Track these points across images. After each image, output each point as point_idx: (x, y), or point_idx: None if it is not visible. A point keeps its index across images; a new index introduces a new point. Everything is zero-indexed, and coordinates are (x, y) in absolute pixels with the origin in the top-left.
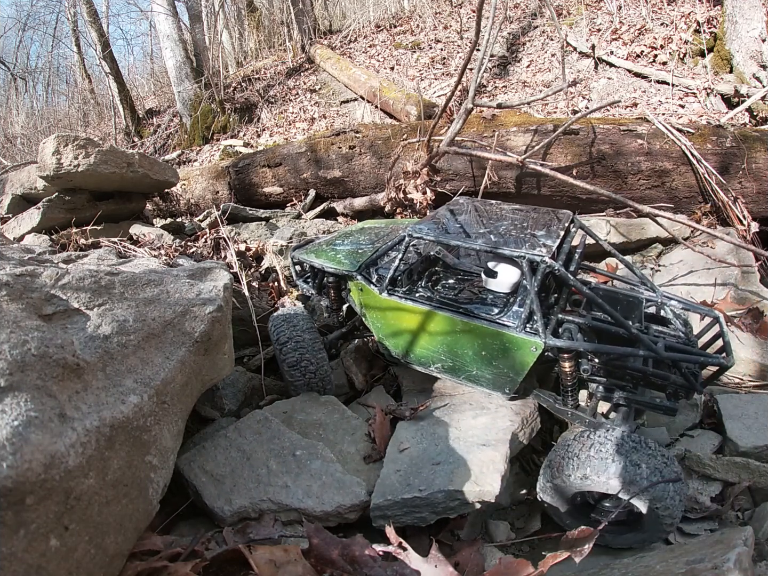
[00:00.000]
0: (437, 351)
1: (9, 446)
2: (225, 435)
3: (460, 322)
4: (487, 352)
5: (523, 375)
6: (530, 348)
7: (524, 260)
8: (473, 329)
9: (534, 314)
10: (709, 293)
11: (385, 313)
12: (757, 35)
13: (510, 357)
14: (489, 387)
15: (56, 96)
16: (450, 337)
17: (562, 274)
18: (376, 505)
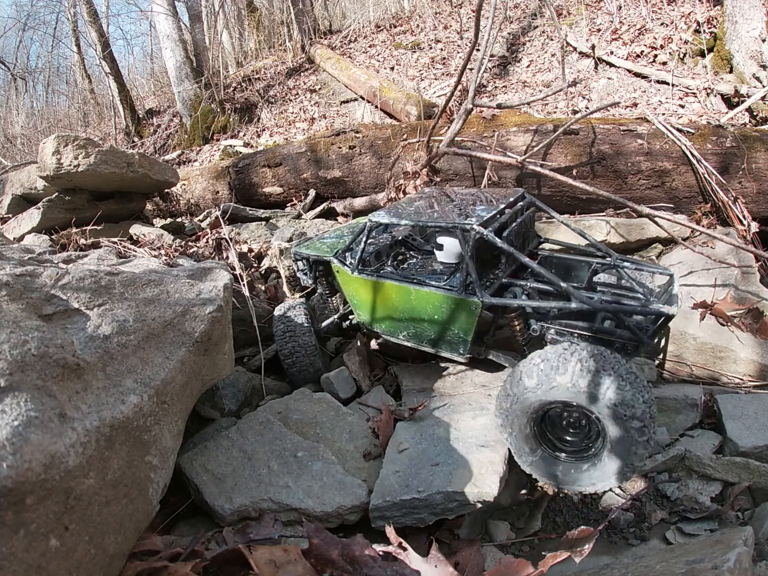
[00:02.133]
0: (401, 319)
1: (9, 446)
2: (227, 435)
3: (415, 291)
4: (438, 316)
5: (470, 334)
6: (471, 307)
7: (457, 230)
8: (426, 296)
9: (470, 277)
10: (709, 293)
11: (357, 290)
12: (757, 35)
13: (457, 318)
14: (446, 349)
15: (56, 96)
16: (409, 305)
17: (491, 238)
18: (375, 507)
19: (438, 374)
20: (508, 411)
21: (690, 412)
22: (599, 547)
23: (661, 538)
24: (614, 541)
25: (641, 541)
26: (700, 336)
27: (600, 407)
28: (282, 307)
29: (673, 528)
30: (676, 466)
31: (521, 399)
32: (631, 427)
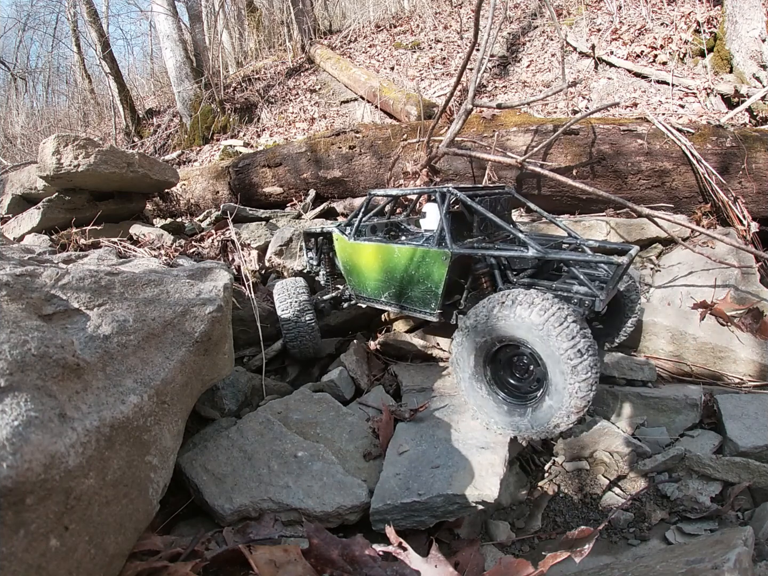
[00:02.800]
0: (384, 280)
1: (9, 446)
2: (227, 435)
3: (397, 249)
4: (415, 271)
5: (441, 287)
6: (442, 258)
7: (437, 193)
8: (406, 252)
9: (443, 232)
10: (709, 293)
11: (351, 255)
12: (757, 35)
13: (430, 270)
14: (420, 307)
15: (56, 96)
16: (392, 264)
17: (463, 198)
18: (376, 510)
19: (438, 374)
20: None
21: (690, 412)
22: (599, 547)
23: (661, 538)
24: (614, 541)
25: (641, 541)
26: (700, 336)
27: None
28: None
29: (673, 528)
30: (676, 466)
31: (470, 335)
32: (566, 364)
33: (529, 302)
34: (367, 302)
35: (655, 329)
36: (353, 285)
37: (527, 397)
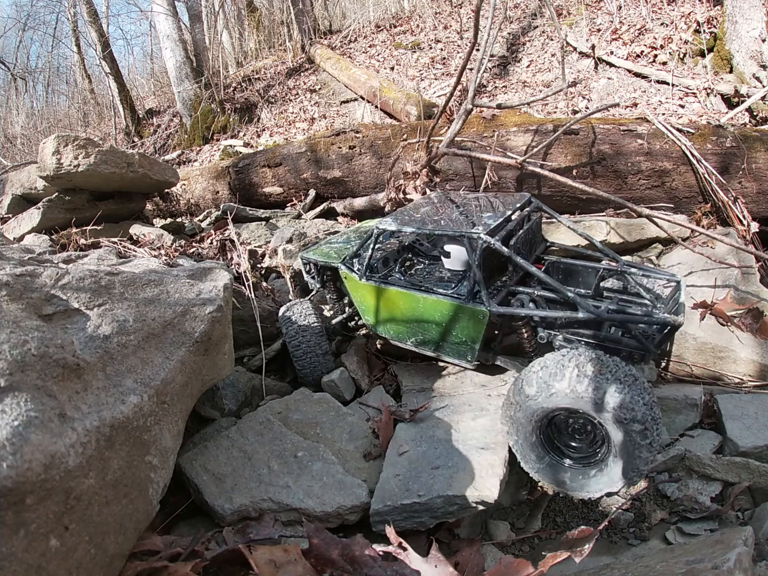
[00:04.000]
0: (409, 326)
1: (9, 446)
2: (227, 435)
3: (422, 298)
4: (446, 324)
5: (478, 342)
6: (478, 316)
7: (464, 238)
8: (433, 303)
9: (478, 285)
10: (709, 293)
11: (365, 296)
12: (757, 35)
13: (464, 326)
14: (455, 357)
15: (56, 96)
16: (417, 313)
17: (497, 247)
18: (376, 511)
19: (438, 374)
20: (512, 419)
21: (690, 412)
22: (599, 547)
23: (661, 538)
24: (614, 541)
25: (641, 541)
26: (700, 336)
27: (600, 411)
28: (290, 307)
29: (673, 528)
30: (676, 466)
31: (524, 407)
32: (632, 431)
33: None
34: (391, 341)
35: None
36: (371, 324)
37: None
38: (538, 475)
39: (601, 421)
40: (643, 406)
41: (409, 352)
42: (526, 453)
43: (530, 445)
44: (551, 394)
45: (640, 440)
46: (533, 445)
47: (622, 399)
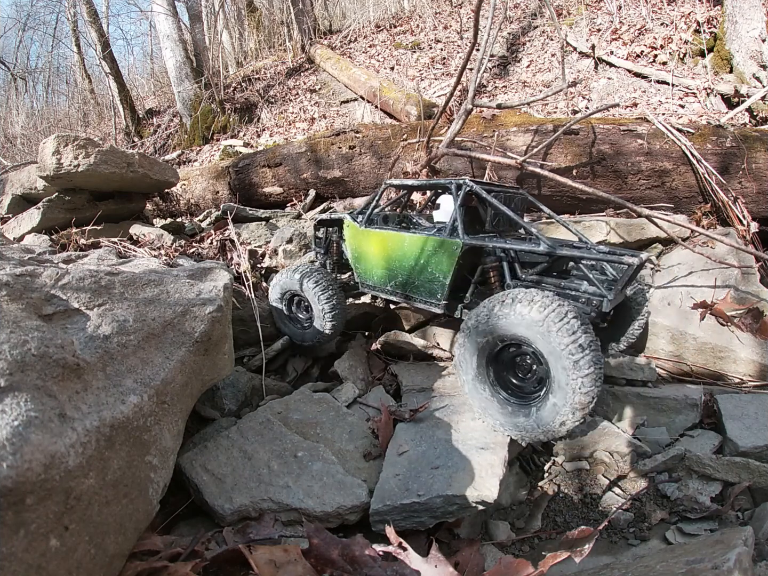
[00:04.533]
0: (391, 268)
1: (9, 446)
2: (227, 435)
3: (408, 237)
4: (424, 260)
5: (449, 277)
6: (453, 247)
7: (452, 185)
8: (416, 240)
9: (456, 222)
10: (709, 293)
11: (361, 242)
12: (757, 35)
13: (439, 260)
14: (425, 297)
15: (56, 96)
16: (401, 252)
17: (479, 192)
18: (375, 511)
19: (438, 374)
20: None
21: (690, 412)
22: (599, 547)
23: (661, 538)
24: (614, 541)
25: (641, 541)
26: (700, 336)
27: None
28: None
29: (673, 528)
30: (676, 466)
31: (471, 336)
32: (568, 359)
33: (529, 299)
34: (372, 290)
35: (655, 329)
36: (360, 272)
37: (531, 397)
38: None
39: (537, 349)
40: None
41: (410, 351)
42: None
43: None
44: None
45: (574, 372)
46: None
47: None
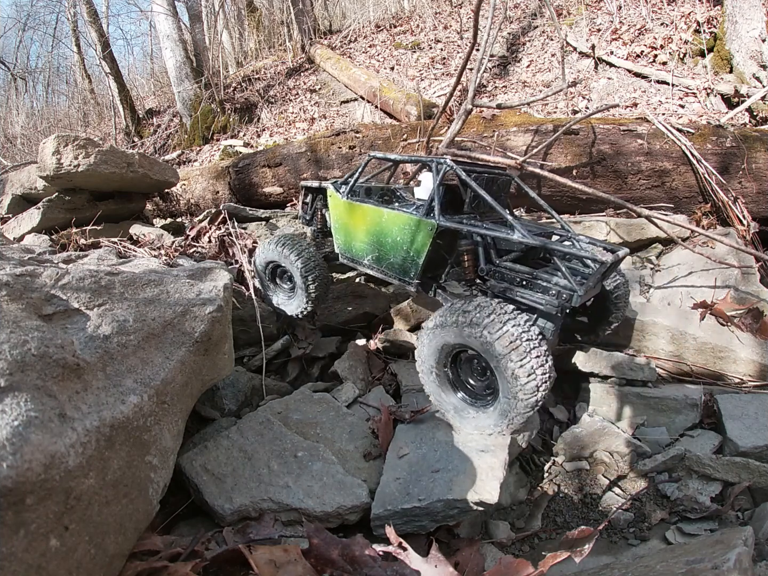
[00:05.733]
0: (369, 242)
1: (9, 446)
2: (227, 435)
3: (386, 212)
4: (400, 237)
5: (422, 257)
6: (427, 228)
7: (433, 163)
8: (394, 217)
9: (433, 203)
10: (709, 293)
11: (342, 213)
12: (757, 35)
13: (414, 239)
14: (399, 273)
15: (56, 96)
16: (379, 227)
17: (458, 171)
18: (376, 516)
19: None
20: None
21: (690, 412)
22: (599, 547)
23: (661, 538)
24: (614, 541)
25: (641, 541)
26: (700, 336)
27: (478, 346)
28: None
29: (673, 528)
30: (676, 466)
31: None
32: (508, 368)
33: (484, 316)
34: (351, 263)
35: (655, 329)
36: (339, 243)
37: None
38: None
39: (482, 355)
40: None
41: (410, 350)
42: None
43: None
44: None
45: (513, 379)
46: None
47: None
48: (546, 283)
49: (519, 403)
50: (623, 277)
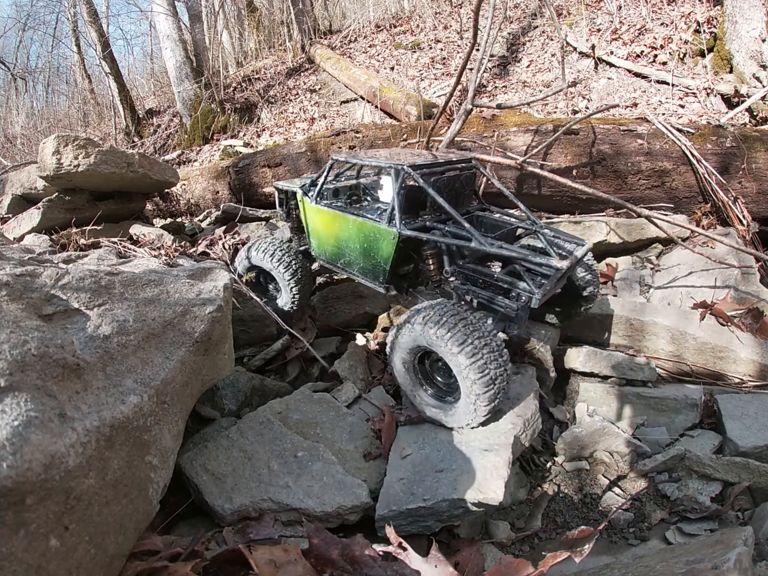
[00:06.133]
0: (340, 247)
1: (9, 446)
2: (227, 435)
3: (352, 220)
4: (366, 244)
5: (389, 263)
6: (390, 237)
7: (392, 169)
8: (359, 225)
9: (394, 211)
10: (709, 293)
11: (313, 218)
12: (757, 35)
13: (379, 246)
14: (370, 278)
15: (56, 96)
16: (347, 233)
17: (415, 177)
18: (381, 516)
19: None
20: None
21: (690, 412)
22: (599, 547)
23: (661, 538)
24: (614, 541)
25: (641, 541)
26: (700, 336)
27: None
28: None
29: (673, 528)
30: (676, 466)
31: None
32: (462, 365)
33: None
34: (326, 264)
35: (655, 329)
36: (314, 246)
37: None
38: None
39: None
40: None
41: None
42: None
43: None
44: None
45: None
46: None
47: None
48: (507, 286)
49: (478, 399)
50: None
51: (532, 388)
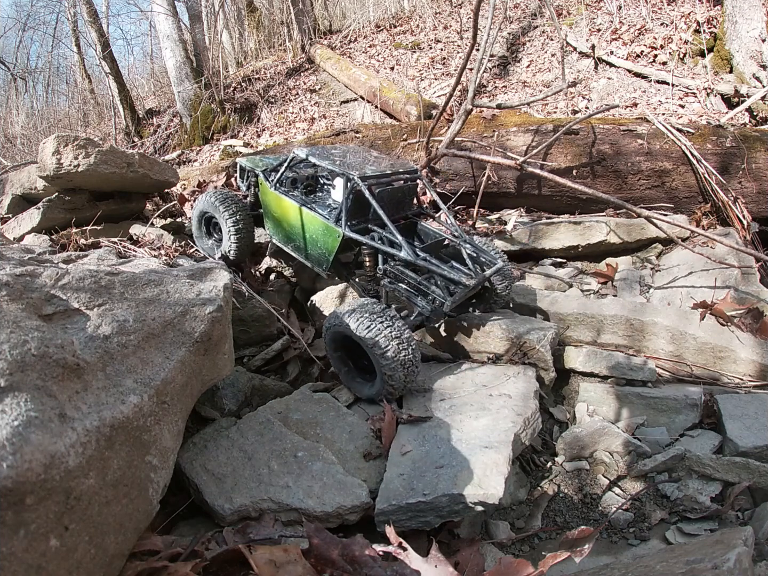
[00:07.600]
0: (291, 233)
1: (9, 446)
2: (227, 435)
3: (305, 212)
4: (314, 235)
5: (332, 255)
6: (335, 235)
7: (344, 176)
8: (311, 218)
9: (341, 213)
10: (709, 293)
11: (270, 202)
12: (757, 35)
13: (325, 240)
14: (315, 264)
15: (56, 96)
16: (299, 223)
17: (362, 189)
18: (381, 511)
19: (438, 374)
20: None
21: (690, 412)
22: (599, 547)
23: (661, 538)
24: (614, 541)
25: (641, 541)
26: (700, 336)
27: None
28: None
29: (673, 528)
30: (676, 466)
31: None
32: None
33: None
34: (278, 244)
35: (655, 329)
36: (268, 227)
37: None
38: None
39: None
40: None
41: None
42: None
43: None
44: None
45: (385, 366)
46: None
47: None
48: (426, 289)
49: (389, 379)
50: (508, 278)
51: (532, 388)
